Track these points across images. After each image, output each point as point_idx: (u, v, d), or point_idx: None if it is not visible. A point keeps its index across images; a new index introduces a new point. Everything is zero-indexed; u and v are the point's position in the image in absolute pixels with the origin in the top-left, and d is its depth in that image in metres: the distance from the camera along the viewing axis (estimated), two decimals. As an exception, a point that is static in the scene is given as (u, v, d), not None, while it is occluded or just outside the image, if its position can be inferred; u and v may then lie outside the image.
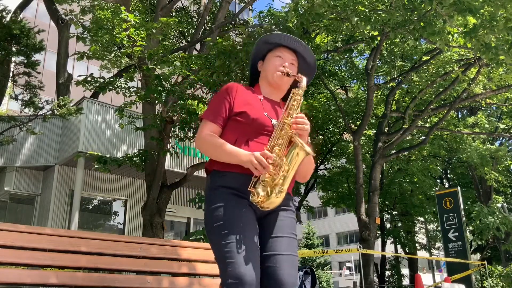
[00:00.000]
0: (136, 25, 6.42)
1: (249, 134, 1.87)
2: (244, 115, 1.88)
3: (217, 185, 1.84)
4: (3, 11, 9.10)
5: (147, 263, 2.75)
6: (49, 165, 10.52)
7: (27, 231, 2.39)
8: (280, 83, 2.01)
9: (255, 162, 1.73)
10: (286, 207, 1.91)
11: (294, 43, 2.07)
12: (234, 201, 1.79)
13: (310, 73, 2.13)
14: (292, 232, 1.89)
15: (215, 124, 1.91)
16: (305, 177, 2.03)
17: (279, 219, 1.87)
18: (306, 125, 1.84)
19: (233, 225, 1.73)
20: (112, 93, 8.72)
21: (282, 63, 2.01)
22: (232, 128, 1.91)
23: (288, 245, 1.83)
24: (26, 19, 10.11)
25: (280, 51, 2.05)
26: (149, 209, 7.03)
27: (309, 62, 2.11)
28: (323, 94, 18.32)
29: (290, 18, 9.12)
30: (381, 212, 18.91)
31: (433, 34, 7.52)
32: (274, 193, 1.74)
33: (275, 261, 1.77)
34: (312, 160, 2.00)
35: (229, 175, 1.83)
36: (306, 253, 8.27)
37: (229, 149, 1.82)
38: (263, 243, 1.82)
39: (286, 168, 1.77)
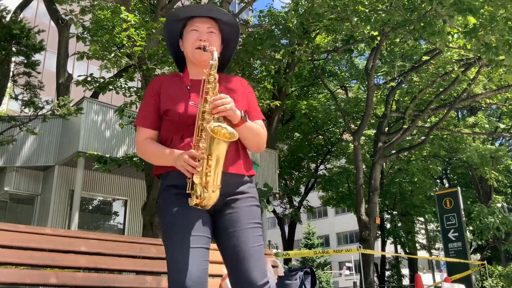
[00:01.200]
0: (136, 25, 6.43)
1: (181, 130, 1.77)
2: (171, 112, 1.78)
3: (165, 185, 1.79)
4: (3, 11, 9.10)
5: (147, 263, 2.75)
6: (49, 165, 10.52)
7: (27, 231, 2.39)
8: (202, 59, 1.81)
9: (184, 164, 1.64)
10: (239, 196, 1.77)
11: (204, 10, 1.87)
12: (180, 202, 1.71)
13: (233, 32, 1.94)
14: (249, 222, 1.75)
15: (147, 129, 1.83)
16: (257, 147, 1.86)
17: (233, 212, 1.75)
18: (227, 104, 1.66)
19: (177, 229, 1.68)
20: (112, 93, 8.73)
21: (198, 36, 1.83)
22: (165, 127, 1.82)
23: (246, 237, 1.71)
24: (26, 19, 10.11)
25: (193, 23, 1.86)
26: (149, 209, 7.03)
27: (229, 22, 1.91)
28: (323, 94, 18.33)
29: (290, 18, 9.12)
30: (381, 212, 18.91)
31: (433, 34, 7.53)
32: (207, 191, 1.64)
33: (235, 258, 1.69)
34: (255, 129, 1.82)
35: (172, 173, 1.75)
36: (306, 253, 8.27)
37: (163, 153, 1.74)
38: (222, 240, 1.75)
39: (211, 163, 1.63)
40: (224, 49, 1.95)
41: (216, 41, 1.86)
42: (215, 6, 1.93)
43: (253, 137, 1.83)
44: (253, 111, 1.88)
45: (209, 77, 1.71)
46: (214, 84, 1.72)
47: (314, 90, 18.99)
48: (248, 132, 1.79)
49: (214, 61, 1.73)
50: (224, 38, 1.93)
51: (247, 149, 1.88)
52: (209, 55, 1.76)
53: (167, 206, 1.75)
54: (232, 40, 1.97)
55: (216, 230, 1.77)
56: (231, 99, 1.69)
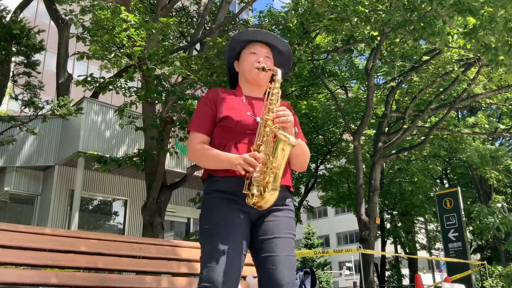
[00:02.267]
0: (136, 25, 6.42)
1: (236, 137, 1.89)
2: (228, 120, 1.90)
3: (211, 190, 1.87)
4: (3, 11, 9.10)
5: (147, 263, 2.76)
6: (49, 165, 10.52)
7: (27, 231, 2.39)
8: (258, 79, 2.00)
9: (244, 163, 1.74)
10: (282, 207, 1.89)
11: (265, 36, 2.05)
12: (225, 206, 1.80)
13: (286, 63, 2.14)
14: (288, 232, 1.86)
15: (202, 134, 1.94)
16: (302, 166, 2.02)
17: (274, 220, 1.86)
18: (288, 116, 1.82)
19: (219, 230, 1.76)
20: (112, 93, 8.73)
21: (257, 59, 2.00)
22: (219, 134, 1.93)
23: (284, 245, 1.81)
24: (26, 19, 10.11)
25: (253, 47, 2.04)
26: (149, 209, 7.03)
27: (284, 51, 2.10)
28: (323, 94, 18.32)
29: (290, 18, 9.12)
30: (381, 212, 18.91)
31: (433, 35, 7.53)
32: (267, 191, 1.74)
33: (271, 263, 1.77)
34: (304, 148, 1.98)
35: (222, 179, 1.85)
36: (306, 253, 8.27)
37: (219, 155, 1.84)
38: (259, 245, 1.82)
39: (275, 165, 1.76)
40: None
41: (270, 66, 2.03)
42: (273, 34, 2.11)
43: (301, 156, 1.98)
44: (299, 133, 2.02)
45: (273, 90, 1.90)
46: (276, 96, 1.89)
47: (314, 90, 18.98)
48: (298, 149, 1.92)
49: (279, 76, 1.93)
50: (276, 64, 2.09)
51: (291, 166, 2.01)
52: (265, 76, 1.99)
53: (212, 207, 1.83)
54: (284, 69, 2.13)
55: (254, 235, 1.86)
56: (290, 113, 1.85)
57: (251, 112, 1.93)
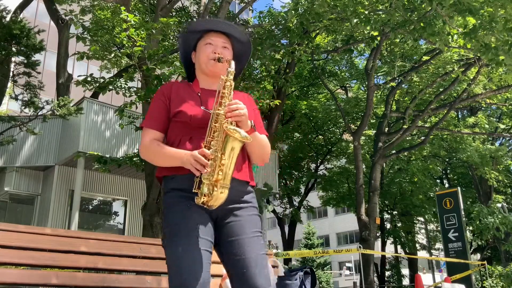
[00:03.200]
0: (136, 25, 6.43)
1: (191, 132, 1.82)
2: (181, 114, 1.83)
3: (169, 188, 1.81)
4: (3, 11, 9.10)
5: (147, 263, 2.75)
6: (49, 165, 10.52)
7: (27, 231, 2.39)
8: (215, 70, 1.91)
9: (193, 161, 1.68)
10: (242, 204, 1.82)
11: (221, 25, 1.98)
12: (184, 204, 1.74)
13: (246, 52, 2.07)
14: (253, 231, 1.79)
15: (154, 130, 1.87)
16: (262, 159, 1.95)
17: (236, 220, 1.79)
18: (241, 109, 1.74)
19: (180, 231, 1.69)
20: (112, 93, 8.73)
21: (213, 49, 1.93)
22: (174, 129, 1.87)
23: (251, 245, 1.75)
24: (26, 19, 10.11)
25: (209, 37, 1.96)
26: (149, 209, 7.03)
27: (243, 40, 2.02)
28: (323, 94, 18.33)
29: (290, 18, 9.12)
30: (381, 212, 18.91)
31: (433, 35, 7.53)
32: (216, 190, 1.67)
33: (241, 265, 1.71)
34: (262, 141, 1.91)
35: (178, 177, 1.79)
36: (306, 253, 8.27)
37: (170, 153, 1.78)
38: (226, 248, 1.77)
39: (224, 162, 1.69)
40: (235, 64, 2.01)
41: (229, 55, 1.96)
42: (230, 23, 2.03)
43: (259, 148, 1.91)
44: (258, 127, 1.93)
45: (226, 83, 1.81)
46: (229, 90, 1.81)
47: (314, 90, 18.98)
48: (256, 142, 1.86)
49: (231, 68, 1.84)
50: (235, 54, 2.03)
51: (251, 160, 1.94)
52: (222, 67, 1.88)
53: (171, 206, 1.77)
54: (244, 56, 2.08)
55: (219, 238, 1.79)
56: (244, 106, 1.77)
57: (205, 106, 1.86)
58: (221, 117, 1.74)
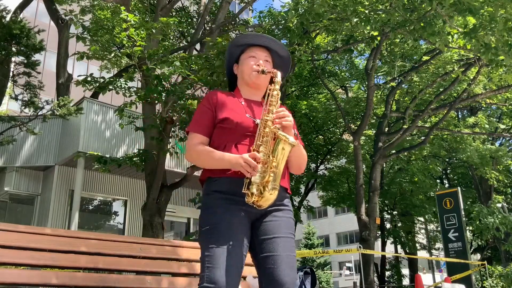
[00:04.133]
0: (136, 25, 6.42)
1: (236, 139, 1.90)
2: (228, 121, 1.91)
3: (211, 190, 1.87)
4: (3, 11, 9.10)
5: (147, 263, 2.75)
6: (49, 165, 10.52)
7: (27, 231, 2.39)
8: (258, 82, 2.02)
9: (244, 164, 1.75)
10: (281, 207, 1.91)
11: (265, 40, 2.08)
12: (225, 206, 1.81)
13: (285, 66, 2.16)
14: (288, 232, 1.88)
15: (201, 135, 1.95)
16: (299, 168, 2.04)
17: (274, 220, 1.87)
18: (288, 117, 1.86)
19: (219, 230, 1.76)
20: (112, 93, 8.72)
21: (256, 62, 2.02)
22: (219, 135, 1.94)
23: (285, 245, 1.82)
24: (26, 19, 10.11)
25: (252, 50, 2.07)
26: (149, 209, 7.03)
27: (283, 55, 2.12)
28: (323, 94, 18.32)
29: (290, 18, 9.12)
30: (381, 212, 18.91)
31: (433, 35, 7.53)
32: (267, 191, 1.75)
33: (272, 262, 1.77)
34: (302, 151, 2.00)
35: (222, 180, 1.85)
36: (306, 253, 8.28)
37: (218, 155, 1.85)
38: (260, 245, 1.83)
39: (274, 164, 1.77)
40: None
41: (270, 68, 2.05)
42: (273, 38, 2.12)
43: (299, 158, 2.00)
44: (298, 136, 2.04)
45: (273, 91, 1.93)
46: (276, 98, 1.92)
47: (314, 90, 18.98)
48: (297, 152, 1.94)
49: (278, 78, 1.95)
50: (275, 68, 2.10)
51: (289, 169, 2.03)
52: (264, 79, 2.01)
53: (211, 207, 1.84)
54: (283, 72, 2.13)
55: (254, 236, 1.86)
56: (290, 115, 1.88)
57: (250, 114, 1.94)
58: (270, 123, 1.84)
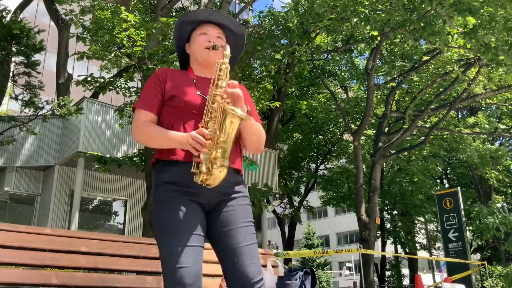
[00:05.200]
0: (136, 25, 6.43)
1: (185, 117, 1.82)
2: (177, 99, 1.84)
3: (162, 182, 1.80)
4: (3, 11, 9.10)
5: (147, 263, 2.75)
6: (49, 165, 10.52)
7: (27, 231, 2.39)
8: (209, 59, 1.92)
9: (192, 141, 1.67)
10: (235, 194, 1.84)
11: (216, 16, 2.00)
12: (177, 199, 1.74)
13: (239, 43, 2.07)
14: (245, 220, 1.81)
15: (149, 112, 1.86)
16: (257, 147, 1.93)
17: (230, 210, 1.80)
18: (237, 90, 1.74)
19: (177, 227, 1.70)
20: (112, 93, 8.73)
21: (207, 39, 1.94)
22: (167, 114, 1.86)
23: (243, 235, 1.77)
24: (26, 19, 10.11)
25: (204, 27, 1.98)
26: (149, 209, 7.03)
27: (236, 32, 2.04)
28: (323, 94, 18.33)
29: (290, 18, 9.13)
30: (381, 212, 18.91)
31: (433, 35, 7.53)
32: (216, 167, 1.68)
33: (232, 254, 1.73)
34: (258, 127, 1.90)
35: (172, 169, 1.78)
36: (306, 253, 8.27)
37: (165, 134, 1.77)
38: (217, 238, 1.78)
39: (222, 139, 1.69)
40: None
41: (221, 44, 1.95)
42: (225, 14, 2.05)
43: (255, 135, 1.90)
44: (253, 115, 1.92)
45: (222, 65, 1.81)
46: (226, 72, 1.81)
47: (314, 90, 18.99)
48: (251, 128, 1.86)
49: (227, 52, 1.84)
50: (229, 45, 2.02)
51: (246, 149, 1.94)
52: (216, 55, 1.89)
53: (163, 202, 1.76)
54: (237, 50, 2.07)
55: (211, 228, 1.80)
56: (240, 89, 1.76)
57: (200, 91, 1.87)
58: (218, 98, 1.74)
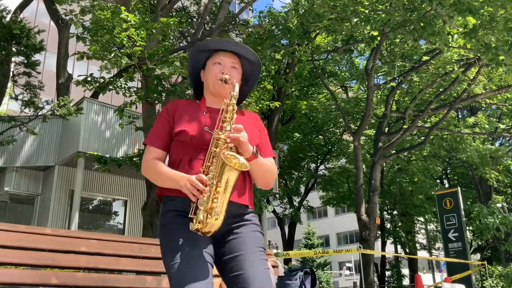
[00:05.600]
0: (136, 25, 6.43)
1: (191, 153, 1.80)
2: (183, 134, 1.81)
3: (167, 210, 1.80)
4: (3, 11, 9.10)
5: (147, 263, 2.75)
6: (49, 165, 10.52)
7: (27, 231, 2.39)
8: (222, 91, 1.87)
9: (190, 187, 1.65)
10: (245, 222, 1.80)
11: (231, 45, 1.95)
12: (182, 222, 1.71)
13: (255, 72, 2.04)
14: (255, 246, 1.76)
15: (156, 148, 1.85)
16: (266, 184, 1.90)
17: (238, 237, 1.76)
18: (241, 136, 1.70)
19: (179, 244, 1.68)
20: (112, 93, 8.73)
21: (221, 69, 1.89)
22: (176, 148, 1.84)
23: (253, 260, 1.71)
24: (26, 19, 10.11)
25: (218, 56, 1.93)
26: (149, 209, 7.04)
27: (253, 60, 1.99)
28: (323, 94, 18.33)
29: (290, 18, 9.13)
30: (381, 212, 18.91)
31: (433, 35, 7.53)
32: (211, 218, 1.63)
33: (242, 281, 1.66)
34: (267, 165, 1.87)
35: (177, 199, 1.77)
36: (306, 253, 8.27)
37: (169, 174, 1.76)
38: (227, 265, 1.73)
39: (219, 190, 1.64)
40: (244, 85, 2.00)
41: (237, 76, 1.93)
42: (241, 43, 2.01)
43: (263, 173, 1.87)
44: (264, 148, 1.91)
45: (228, 107, 1.77)
46: (231, 114, 1.77)
47: (314, 90, 18.99)
48: (259, 167, 1.83)
49: (235, 92, 1.79)
50: (245, 75, 2.00)
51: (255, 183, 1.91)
52: (229, 88, 1.83)
53: (168, 225, 1.76)
54: (253, 78, 2.05)
55: (219, 256, 1.75)
56: (245, 134, 1.72)
57: (210, 126, 1.82)
58: (221, 142, 1.71)
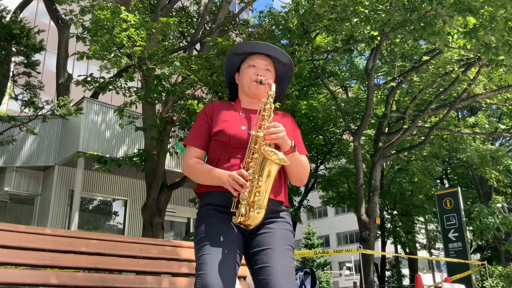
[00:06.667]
0: (136, 25, 6.43)
1: (229, 152, 1.88)
2: (222, 134, 1.89)
3: (204, 203, 1.88)
4: (3, 11, 9.09)
5: (147, 263, 2.75)
6: (49, 165, 10.52)
7: (27, 231, 2.39)
8: (257, 92, 1.98)
9: (232, 182, 1.73)
10: (276, 219, 1.86)
11: (265, 48, 2.03)
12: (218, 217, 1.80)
13: (288, 73, 2.12)
14: (284, 242, 1.83)
15: (196, 148, 1.94)
16: (300, 180, 1.99)
17: (269, 232, 1.83)
18: (279, 133, 1.79)
19: (210, 239, 1.75)
20: (112, 93, 8.72)
21: (256, 71, 1.99)
22: (214, 148, 1.92)
23: (280, 256, 1.77)
24: (26, 19, 10.10)
25: (252, 59, 2.03)
26: (149, 209, 7.03)
27: (285, 63, 2.08)
28: (323, 94, 18.32)
29: (290, 18, 9.12)
30: (381, 212, 18.90)
31: (433, 35, 7.53)
32: (253, 211, 1.72)
33: (267, 273, 1.72)
34: (302, 162, 1.95)
35: (215, 193, 1.85)
36: (306, 253, 8.27)
37: (210, 171, 1.84)
38: (254, 257, 1.80)
39: (261, 184, 1.74)
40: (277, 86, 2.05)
41: (271, 78, 2.02)
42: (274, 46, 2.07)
43: (298, 168, 1.95)
44: (299, 147, 1.98)
45: (266, 105, 1.87)
46: (269, 112, 1.86)
47: (314, 90, 18.98)
48: (295, 162, 1.90)
49: (272, 91, 1.89)
50: (278, 76, 2.09)
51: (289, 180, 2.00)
52: (264, 89, 1.93)
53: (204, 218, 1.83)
54: (286, 79, 2.14)
55: (249, 249, 1.83)
56: (283, 128, 1.81)
57: (246, 126, 1.91)
58: (260, 139, 1.79)
